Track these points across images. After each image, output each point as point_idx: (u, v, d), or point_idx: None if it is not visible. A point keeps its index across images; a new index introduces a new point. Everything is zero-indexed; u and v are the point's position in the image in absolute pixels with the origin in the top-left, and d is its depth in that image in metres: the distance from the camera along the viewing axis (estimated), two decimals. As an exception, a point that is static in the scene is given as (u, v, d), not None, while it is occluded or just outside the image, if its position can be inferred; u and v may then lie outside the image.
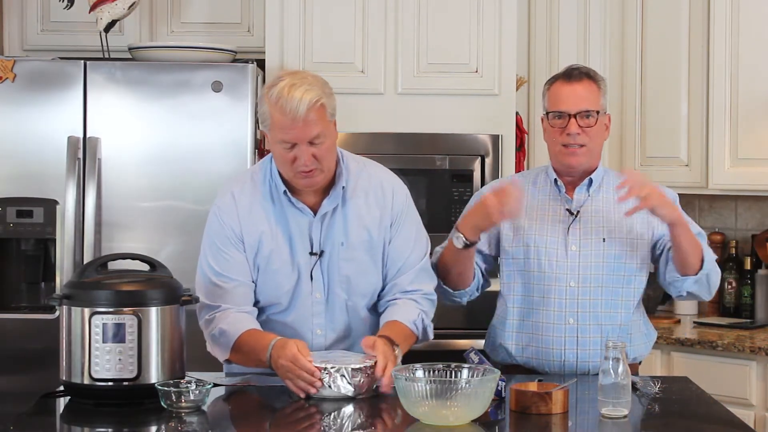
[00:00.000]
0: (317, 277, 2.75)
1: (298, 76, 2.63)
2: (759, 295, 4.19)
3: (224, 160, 3.66)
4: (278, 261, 2.74)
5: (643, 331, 2.97)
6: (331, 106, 2.64)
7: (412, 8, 3.91)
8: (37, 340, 3.58)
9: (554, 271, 2.87)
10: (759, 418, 3.66)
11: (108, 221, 3.66)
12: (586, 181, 2.92)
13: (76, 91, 3.66)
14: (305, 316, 2.76)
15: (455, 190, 3.87)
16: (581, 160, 2.88)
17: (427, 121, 3.91)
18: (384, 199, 2.78)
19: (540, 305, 2.89)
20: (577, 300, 2.87)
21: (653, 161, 4.24)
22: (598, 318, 2.87)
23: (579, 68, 2.94)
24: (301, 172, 2.63)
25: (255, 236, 2.73)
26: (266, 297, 2.78)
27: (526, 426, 2.33)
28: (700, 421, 2.44)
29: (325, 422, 2.37)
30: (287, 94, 2.56)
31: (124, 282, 2.48)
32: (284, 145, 2.61)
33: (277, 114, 2.58)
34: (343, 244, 2.74)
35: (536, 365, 2.91)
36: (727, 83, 4.01)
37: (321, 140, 2.61)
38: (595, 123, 2.86)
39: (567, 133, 2.85)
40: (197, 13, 4.22)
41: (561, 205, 2.93)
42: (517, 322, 2.93)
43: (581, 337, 2.86)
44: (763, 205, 4.33)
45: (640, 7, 4.26)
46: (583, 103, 2.86)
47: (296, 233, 2.73)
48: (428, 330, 2.80)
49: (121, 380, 2.44)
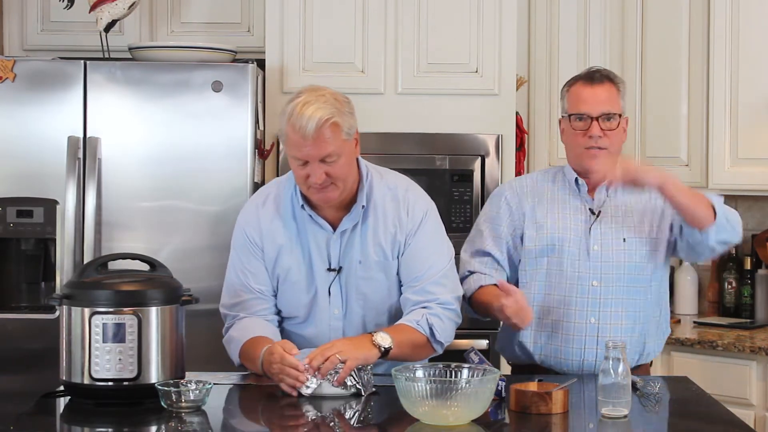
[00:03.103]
0: (335, 293, 2.76)
1: (315, 93, 2.61)
2: (759, 295, 4.19)
3: (224, 160, 3.66)
4: (296, 275, 2.76)
5: (660, 329, 2.97)
6: (347, 124, 2.62)
7: (412, 8, 3.91)
8: (37, 340, 3.57)
9: (577, 271, 2.88)
10: (759, 418, 3.66)
11: (108, 221, 3.66)
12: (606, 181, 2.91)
13: (76, 91, 3.66)
14: (323, 330, 2.77)
15: (455, 190, 3.87)
16: (602, 162, 2.88)
17: (427, 121, 3.91)
18: (399, 216, 2.76)
19: (561, 304, 2.89)
20: (599, 299, 2.87)
21: (653, 161, 4.23)
22: (619, 317, 2.87)
23: (600, 70, 2.94)
24: (314, 188, 2.64)
25: (274, 249, 2.76)
26: (286, 308, 2.81)
27: (526, 426, 2.33)
28: (700, 421, 2.44)
29: (325, 422, 2.37)
30: (299, 112, 2.57)
31: (124, 282, 2.48)
32: (297, 162, 2.62)
33: (290, 131, 2.59)
34: (360, 262, 2.75)
35: (554, 364, 2.90)
36: (727, 83, 4.01)
37: (334, 159, 2.60)
38: (617, 126, 2.87)
39: (589, 136, 2.85)
40: (197, 13, 4.22)
41: (583, 205, 2.93)
42: (536, 320, 2.90)
43: (602, 336, 2.85)
44: (763, 205, 4.33)
45: (640, 7, 4.26)
46: (605, 106, 2.86)
47: (314, 248, 2.75)
48: (435, 329, 2.70)
49: (121, 380, 2.44)
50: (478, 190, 3.86)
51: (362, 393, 2.52)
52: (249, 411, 2.54)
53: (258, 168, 3.75)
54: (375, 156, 3.53)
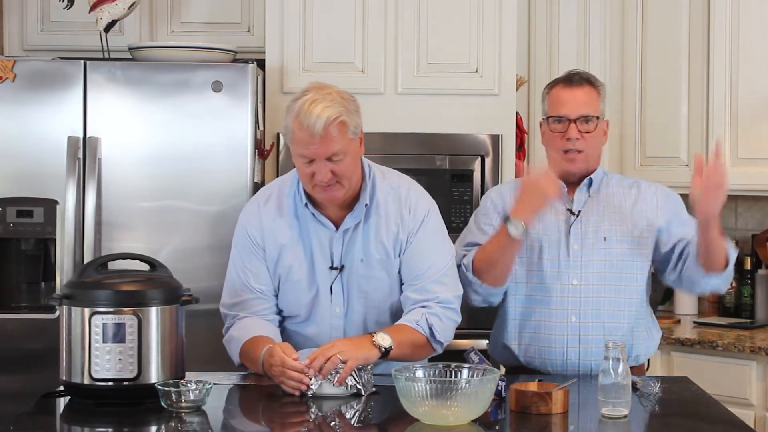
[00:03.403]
0: (337, 291, 2.76)
1: (322, 92, 2.62)
2: (759, 295, 4.19)
3: (224, 160, 3.66)
4: (298, 273, 2.76)
5: (646, 330, 2.97)
6: (353, 123, 2.63)
7: (412, 8, 3.91)
8: (37, 340, 3.57)
9: (556, 270, 2.88)
10: (759, 418, 3.66)
11: (108, 221, 3.66)
12: (586, 182, 2.94)
13: (76, 91, 3.66)
14: (325, 329, 2.78)
15: (455, 190, 3.87)
16: (579, 166, 2.91)
17: (427, 121, 3.91)
18: (401, 215, 2.77)
19: (542, 304, 2.90)
20: (579, 298, 2.87)
21: (653, 161, 4.24)
22: (600, 316, 2.87)
23: (579, 73, 2.96)
24: (319, 186, 2.64)
25: (276, 247, 2.76)
26: (287, 307, 2.81)
27: (526, 426, 2.33)
28: (700, 421, 2.44)
29: (325, 422, 2.37)
30: (307, 110, 2.57)
31: (124, 282, 2.48)
32: (303, 160, 2.63)
33: (297, 129, 2.60)
34: (362, 260, 2.75)
35: (539, 365, 2.91)
36: (727, 83, 4.01)
37: (340, 157, 2.61)
38: (595, 128, 2.88)
39: (567, 138, 2.86)
40: (197, 13, 4.22)
41: (562, 206, 2.93)
42: (519, 321, 2.94)
43: (583, 335, 2.86)
44: (763, 205, 4.33)
45: (640, 8, 4.26)
46: (583, 108, 2.88)
47: (317, 247, 2.75)
48: (435, 329, 2.70)
49: (121, 380, 2.44)
50: (478, 190, 3.86)
51: (362, 393, 2.53)
52: (249, 411, 2.54)
53: (258, 168, 3.75)
54: (375, 156, 3.53)
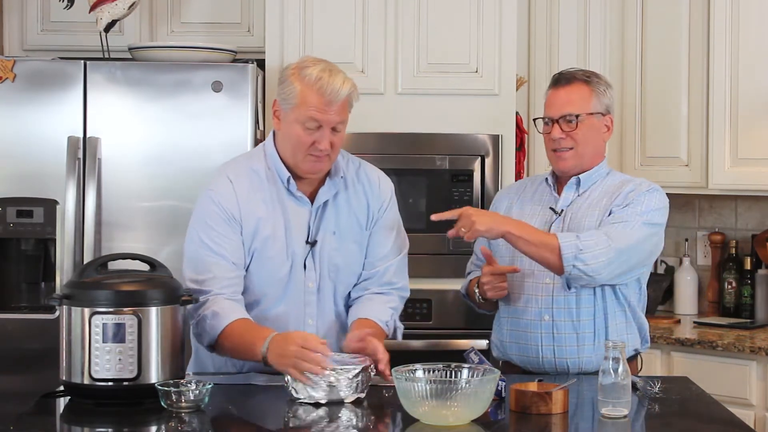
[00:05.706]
0: (310, 267, 2.77)
1: (330, 64, 2.71)
2: (759, 295, 4.19)
3: (224, 160, 3.62)
4: (273, 249, 2.75)
5: (624, 327, 2.91)
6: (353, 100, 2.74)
7: (412, 8, 3.91)
8: (37, 340, 3.58)
9: (531, 268, 2.89)
10: (759, 418, 3.66)
11: (108, 221, 3.66)
12: (574, 180, 2.93)
13: (76, 91, 3.66)
14: (298, 306, 2.77)
15: (455, 190, 3.87)
16: (570, 164, 2.92)
17: (427, 121, 3.91)
18: (371, 187, 2.85)
19: (519, 302, 2.93)
20: (552, 297, 2.88)
21: (653, 161, 4.24)
22: (572, 315, 2.87)
23: (568, 72, 2.97)
24: (314, 155, 2.68)
25: (252, 223, 2.74)
26: (260, 286, 2.75)
27: (526, 426, 2.33)
28: (700, 421, 2.44)
29: (325, 422, 2.37)
30: (328, 77, 2.65)
31: (124, 282, 2.48)
32: (311, 124, 2.66)
33: (314, 95, 2.64)
34: (335, 233, 2.78)
35: (519, 362, 2.94)
36: (727, 83, 4.01)
37: (340, 129, 2.70)
38: (577, 126, 2.88)
39: (552, 138, 2.89)
40: (197, 13, 4.22)
41: (548, 204, 2.95)
42: (504, 319, 2.98)
43: (557, 333, 2.87)
44: (763, 205, 4.33)
45: (640, 8, 4.26)
46: (565, 108, 2.89)
47: (293, 222, 2.76)
48: (398, 332, 2.87)
49: (121, 380, 2.44)
50: (477, 190, 3.86)
51: (345, 399, 2.49)
52: (249, 411, 2.54)
53: (258, 168, 3.74)
54: (375, 156, 3.53)
